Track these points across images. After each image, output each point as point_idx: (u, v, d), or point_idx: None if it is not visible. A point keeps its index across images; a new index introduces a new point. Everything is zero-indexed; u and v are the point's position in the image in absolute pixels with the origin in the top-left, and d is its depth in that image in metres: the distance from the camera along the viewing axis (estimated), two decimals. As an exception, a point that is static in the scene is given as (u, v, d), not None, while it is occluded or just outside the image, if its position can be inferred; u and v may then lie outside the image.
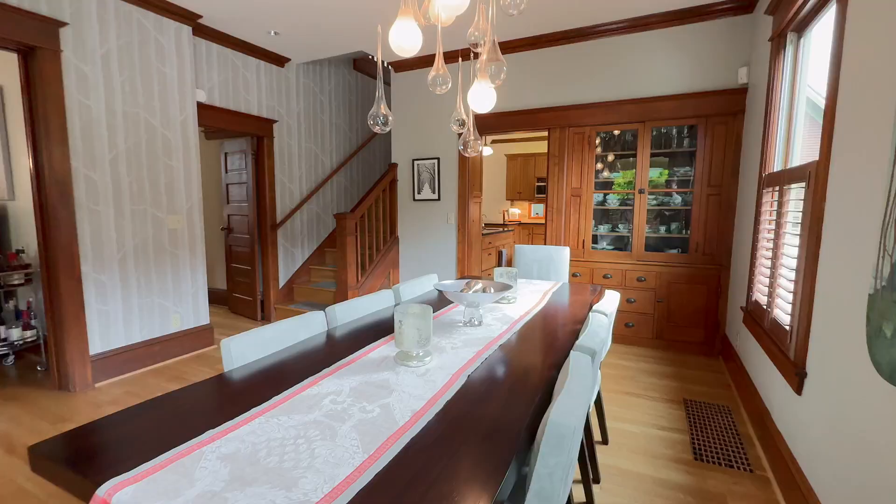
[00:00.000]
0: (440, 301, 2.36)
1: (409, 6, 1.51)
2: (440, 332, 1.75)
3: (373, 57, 5.77)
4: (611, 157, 4.10)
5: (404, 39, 1.51)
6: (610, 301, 1.99)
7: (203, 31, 3.73)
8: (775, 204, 2.33)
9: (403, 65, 4.64)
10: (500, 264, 6.16)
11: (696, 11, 3.42)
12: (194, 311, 3.71)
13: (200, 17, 3.53)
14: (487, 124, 4.31)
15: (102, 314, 3.09)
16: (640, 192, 3.75)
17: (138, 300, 3.30)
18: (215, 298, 5.43)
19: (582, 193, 3.99)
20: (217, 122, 3.97)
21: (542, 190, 8.52)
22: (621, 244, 4.05)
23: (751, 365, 2.65)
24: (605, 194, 4.03)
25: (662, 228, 3.86)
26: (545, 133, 6.28)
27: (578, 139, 3.95)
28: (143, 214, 3.30)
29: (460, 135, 1.79)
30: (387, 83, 5.84)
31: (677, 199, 3.78)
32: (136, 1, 3.12)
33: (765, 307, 2.31)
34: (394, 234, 4.97)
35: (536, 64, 4.06)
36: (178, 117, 3.49)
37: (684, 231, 3.79)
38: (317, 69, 5.07)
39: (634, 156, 3.83)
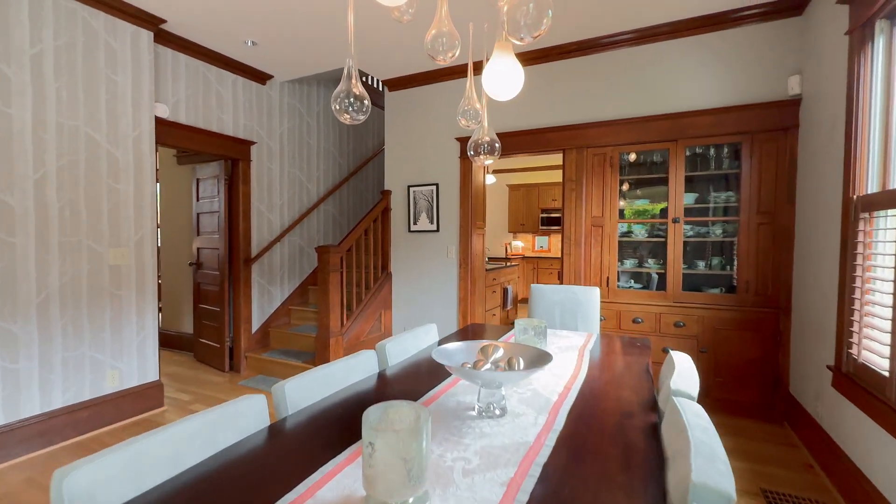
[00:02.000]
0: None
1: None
2: (441, 432, 1.12)
3: (367, 78, 5.36)
4: (636, 182, 3.57)
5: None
6: (685, 374, 1.37)
7: (168, 39, 3.25)
8: (890, 233, 1.76)
9: (398, 83, 4.19)
10: (505, 303, 5.53)
11: (723, 18, 2.98)
12: (139, 365, 3.04)
13: (164, 21, 3.06)
14: (493, 146, 3.80)
15: (10, 374, 2.43)
16: (674, 221, 3.19)
17: (63, 354, 2.64)
18: (181, 344, 4.75)
19: (604, 223, 3.43)
20: (182, 142, 3.44)
21: (546, 222, 8.00)
22: (653, 282, 3.45)
23: (854, 446, 1.99)
24: (632, 224, 3.46)
25: (701, 264, 3.28)
26: (553, 159, 5.74)
27: (598, 161, 3.43)
28: (77, 247, 2.69)
29: (466, 140, 1.27)
30: (380, 106, 5.41)
31: (718, 229, 3.21)
32: (81, -3, 2.65)
33: (886, 374, 1.69)
34: (386, 269, 4.37)
35: (547, 78, 3.60)
36: (131, 133, 2.95)
37: (728, 267, 3.21)
38: (304, 88, 4.62)
39: (665, 180, 3.30)
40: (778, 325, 2.93)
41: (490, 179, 6.36)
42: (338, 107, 1.10)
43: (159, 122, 3.24)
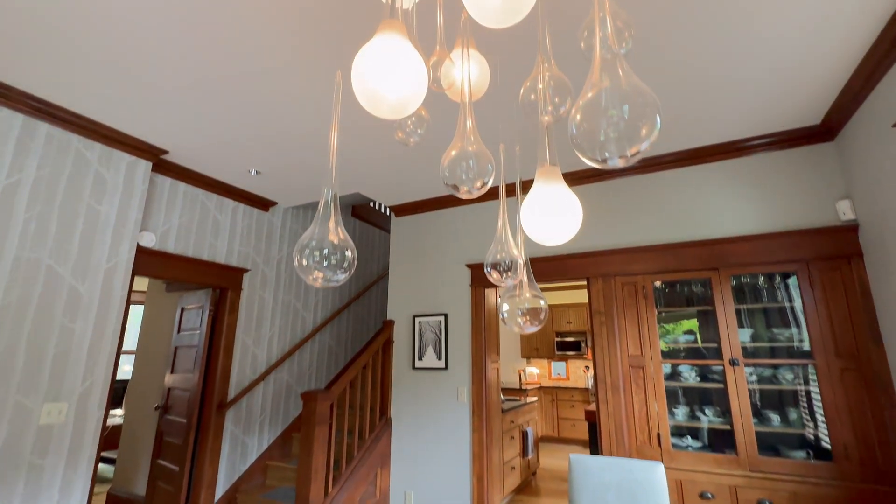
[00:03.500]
0: None
1: (394, 21, 0.68)
2: None
3: (373, 203, 5.32)
4: (676, 316, 3.12)
5: (385, 78, 0.64)
6: None
7: (167, 168, 3.15)
8: None
9: (405, 209, 4.04)
10: (525, 450, 4.67)
11: (739, 146, 2.85)
12: (47, 566, 2.27)
13: (166, 152, 2.98)
14: (507, 273, 3.45)
15: None
16: (732, 363, 2.65)
17: (-64, 561, 1.93)
18: (129, 510, 3.86)
19: (645, 364, 2.89)
20: (165, 272, 3.12)
21: (562, 346, 7.38)
22: (718, 441, 2.77)
23: None
24: (676, 365, 2.92)
25: (775, 418, 2.65)
26: (571, 283, 5.39)
27: (629, 291, 3.03)
28: (0, 405, 2.17)
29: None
30: (385, 230, 5.28)
31: (788, 373, 2.66)
32: (78, 129, 2.55)
33: None
34: (385, 414, 3.70)
35: (564, 203, 3.39)
36: (103, 265, 2.63)
37: (811, 423, 2.57)
38: (308, 214, 4.49)
39: (712, 312, 2.85)
40: (904, 511, 2.19)
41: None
42: (305, 262, 0.70)
43: (142, 251, 2.95)
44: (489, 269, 0.89)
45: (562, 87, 0.84)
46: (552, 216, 0.80)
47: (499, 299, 3.90)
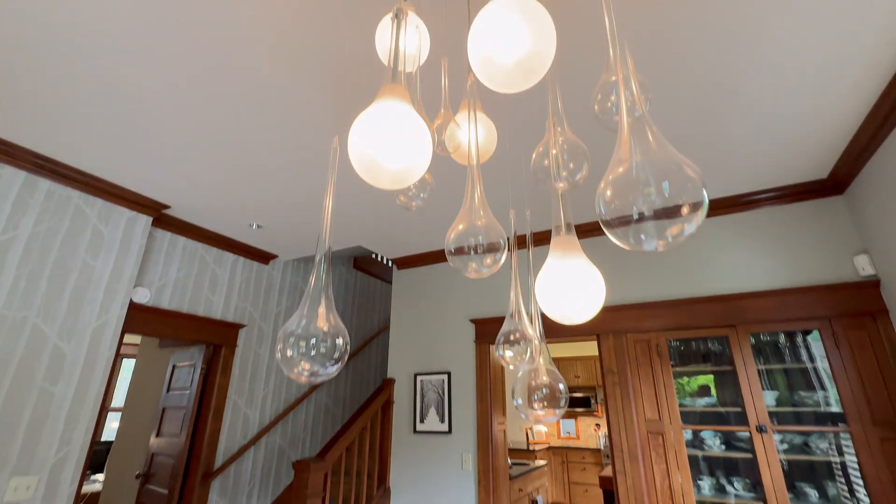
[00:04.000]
0: None
1: (396, 86, 0.63)
2: None
3: (375, 254, 5.27)
4: (692, 374, 2.94)
5: (386, 147, 0.58)
6: None
7: (168, 222, 3.11)
8: None
9: (407, 261, 3.97)
10: (536, 522, 4.28)
11: (742, 200, 2.81)
12: None
13: (167, 207, 2.96)
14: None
15: None
16: (759, 430, 2.45)
17: None
18: None
19: (664, 429, 2.68)
20: (157, 329, 3.00)
21: (571, 402, 7.03)
22: (749, 520, 2.51)
23: None
24: (698, 431, 2.71)
25: (812, 493, 2.41)
26: (575, 338, 5.22)
27: (643, 349, 2.88)
28: (-37, 481, 1.98)
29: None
30: (387, 281, 5.19)
31: (821, 442, 2.45)
32: (79, 185, 2.54)
33: None
34: (384, 483, 3.42)
35: (569, 257, 3.32)
36: (92, 323, 2.52)
37: (850, 500, 2.33)
38: (308, 267, 4.42)
39: (731, 372, 2.68)
40: None
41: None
42: (290, 352, 0.60)
43: (135, 307, 2.85)
44: (501, 352, 0.79)
45: (577, 151, 0.78)
46: (571, 293, 0.71)
47: (510, 385, 3.77)
